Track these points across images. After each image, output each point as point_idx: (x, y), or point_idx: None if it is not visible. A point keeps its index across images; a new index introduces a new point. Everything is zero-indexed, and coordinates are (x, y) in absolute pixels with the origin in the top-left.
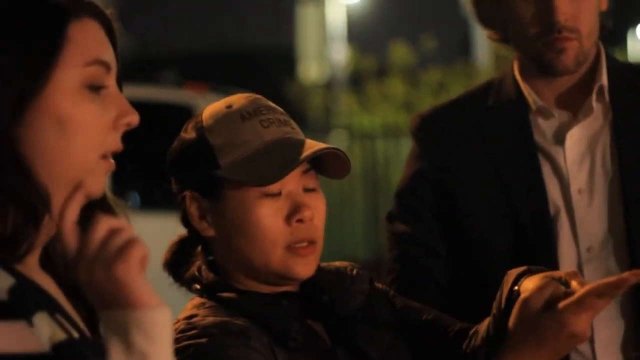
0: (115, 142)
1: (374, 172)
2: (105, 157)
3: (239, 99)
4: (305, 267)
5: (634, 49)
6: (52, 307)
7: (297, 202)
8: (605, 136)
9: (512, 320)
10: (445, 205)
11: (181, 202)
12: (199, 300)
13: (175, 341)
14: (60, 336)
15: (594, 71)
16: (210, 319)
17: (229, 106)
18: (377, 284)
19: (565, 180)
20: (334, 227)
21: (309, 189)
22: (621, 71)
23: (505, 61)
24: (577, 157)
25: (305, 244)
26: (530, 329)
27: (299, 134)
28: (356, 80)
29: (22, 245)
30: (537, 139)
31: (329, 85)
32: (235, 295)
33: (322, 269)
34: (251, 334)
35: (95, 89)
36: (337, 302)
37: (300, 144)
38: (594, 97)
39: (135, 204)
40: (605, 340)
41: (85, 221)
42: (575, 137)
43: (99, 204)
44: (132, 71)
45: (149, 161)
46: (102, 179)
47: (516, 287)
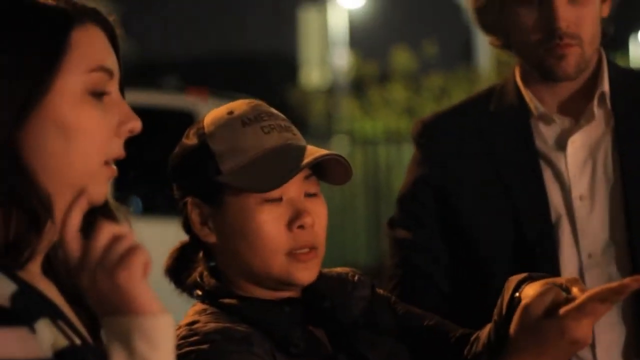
0: (118, 148)
1: (376, 177)
2: (107, 163)
3: (240, 105)
4: (306, 273)
5: (636, 54)
6: (54, 314)
7: (298, 208)
8: (606, 142)
9: (513, 326)
10: (446, 211)
11: (183, 208)
12: (200, 306)
13: (177, 347)
14: (62, 343)
15: (595, 77)
16: (212, 325)
17: (231, 112)
18: (378, 290)
19: (566, 186)
20: (336, 233)
21: (310, 194)
22: (623, 77)
23: (507, 67)
24: (579, 163)
25: (306, 250)
26: (531, 335)
27: (300, 139)
28: (358, 85)
29: (24, 251)
30: (539, 145)
31: (330, 90)
32: (237, 301)
33: (324, 275)
34: (253, 340)
35: (98, 95)
36: (339, 309)
37: (301, 150)
38: (596, 103)
39: (137, 210)
40: (606, 345)
41: (87, 227)
42: (576, 144)
43: (101, 210)
44: (134, 76)
45: (150, 167)
46: (105, 186)
47: (517, 294)
